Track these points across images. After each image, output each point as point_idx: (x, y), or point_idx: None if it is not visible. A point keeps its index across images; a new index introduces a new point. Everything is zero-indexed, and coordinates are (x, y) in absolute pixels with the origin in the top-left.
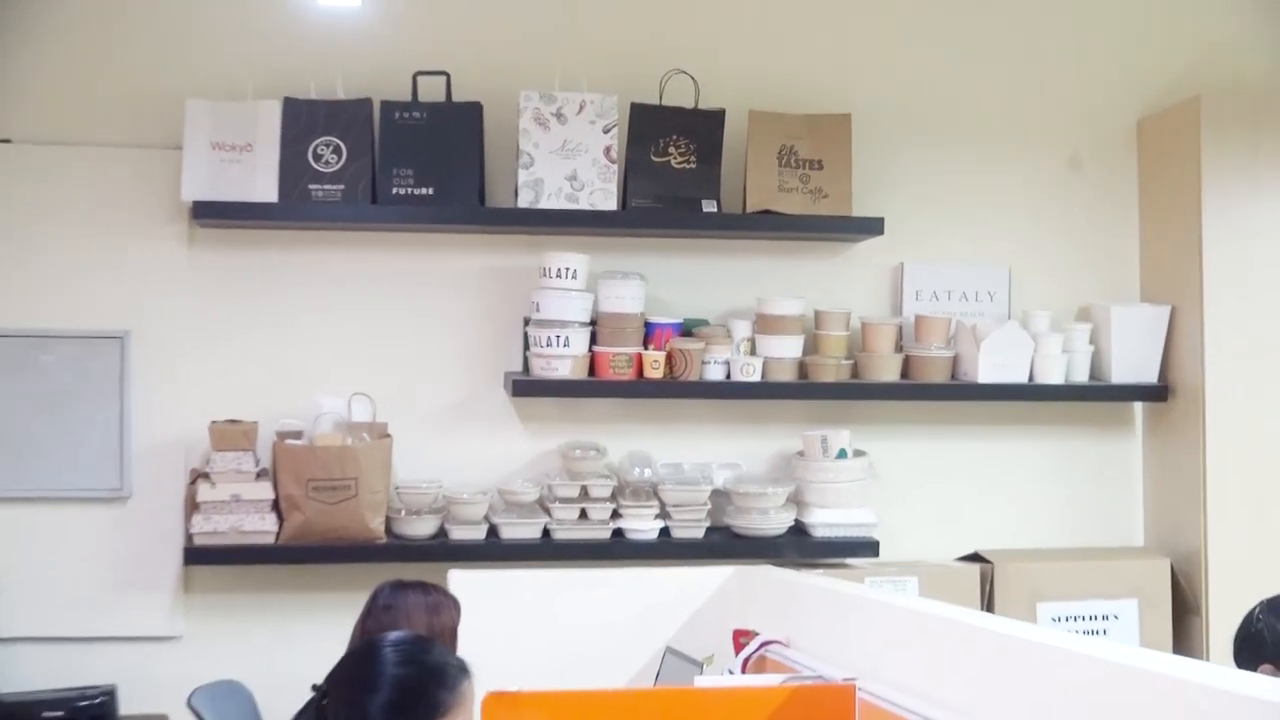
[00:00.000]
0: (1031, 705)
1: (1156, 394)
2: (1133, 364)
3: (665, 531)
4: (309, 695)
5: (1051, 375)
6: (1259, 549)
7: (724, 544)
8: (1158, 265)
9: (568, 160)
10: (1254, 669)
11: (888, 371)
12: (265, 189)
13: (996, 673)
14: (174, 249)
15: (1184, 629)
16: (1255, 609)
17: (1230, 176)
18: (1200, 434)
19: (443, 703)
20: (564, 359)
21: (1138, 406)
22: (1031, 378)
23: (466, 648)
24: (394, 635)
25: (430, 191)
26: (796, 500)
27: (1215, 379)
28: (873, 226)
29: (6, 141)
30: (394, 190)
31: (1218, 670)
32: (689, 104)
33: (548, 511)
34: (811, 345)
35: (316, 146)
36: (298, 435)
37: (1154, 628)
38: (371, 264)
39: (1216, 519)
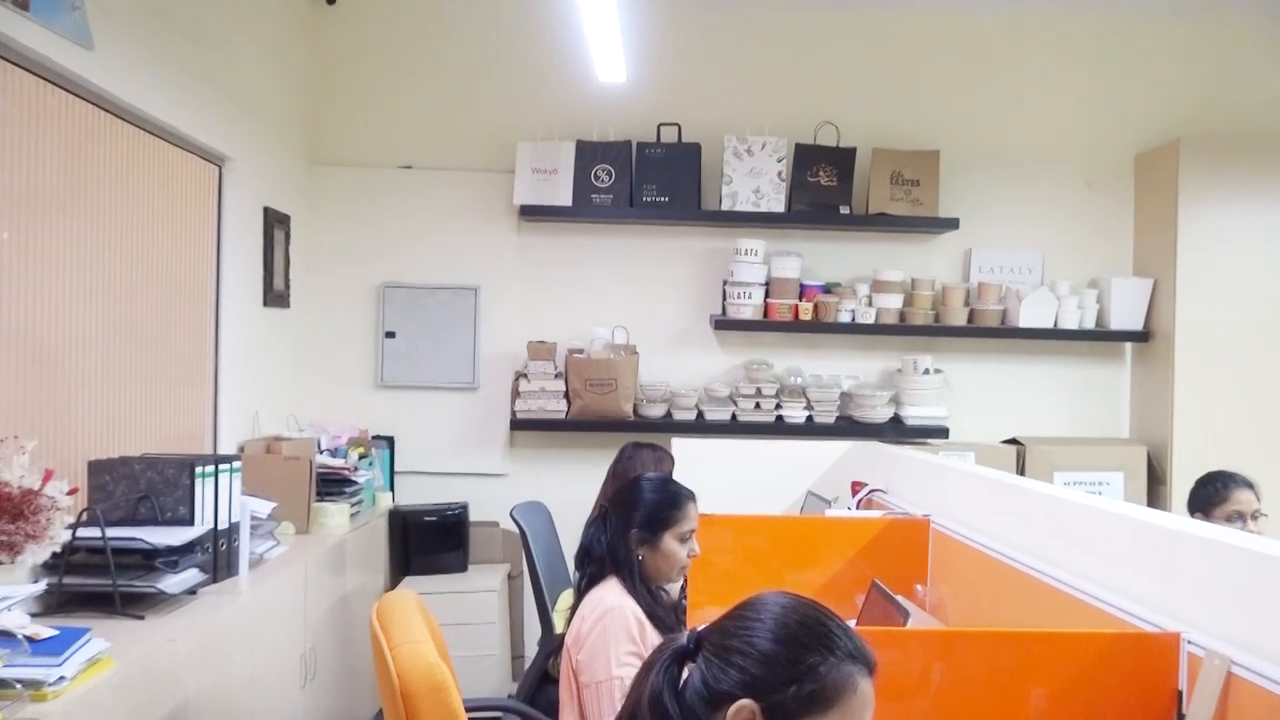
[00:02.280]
0: (1049, 537)
1: (1141, 337)
2: (1126, 317)
3: (810, 418)
4: (588, 511)
5: (1069, 323)
6: (1207, 441)
7: (847, 427)
8: (1145, 252)
9: (753, 179)
10: (1192, 516)
11: (958, 319)
12: (564, 197)
13: (1025, 515)
14: (508, 234)
15: (1155, 493)
16: (1196, 482)
17: (1198, 194)
18: (1170, 364)
19: (678, 515)
20: (747, 305)
21: (1128, 345)
22: (1056, 324)
23: None
24: (650, 474)
25: (667, 199)
26: (895, 400)
27: (1182, 328)
28: (951, 224)
29: (408, 167)
30: (644, 199)
31: (1174, 517)
32: (832, 143)
33: (735, 403)
34: (909, 300)
35: (596, 171)
36: (580, 351)
37: (1134, 491)
38: (629, 245)
39: (1179, 421)
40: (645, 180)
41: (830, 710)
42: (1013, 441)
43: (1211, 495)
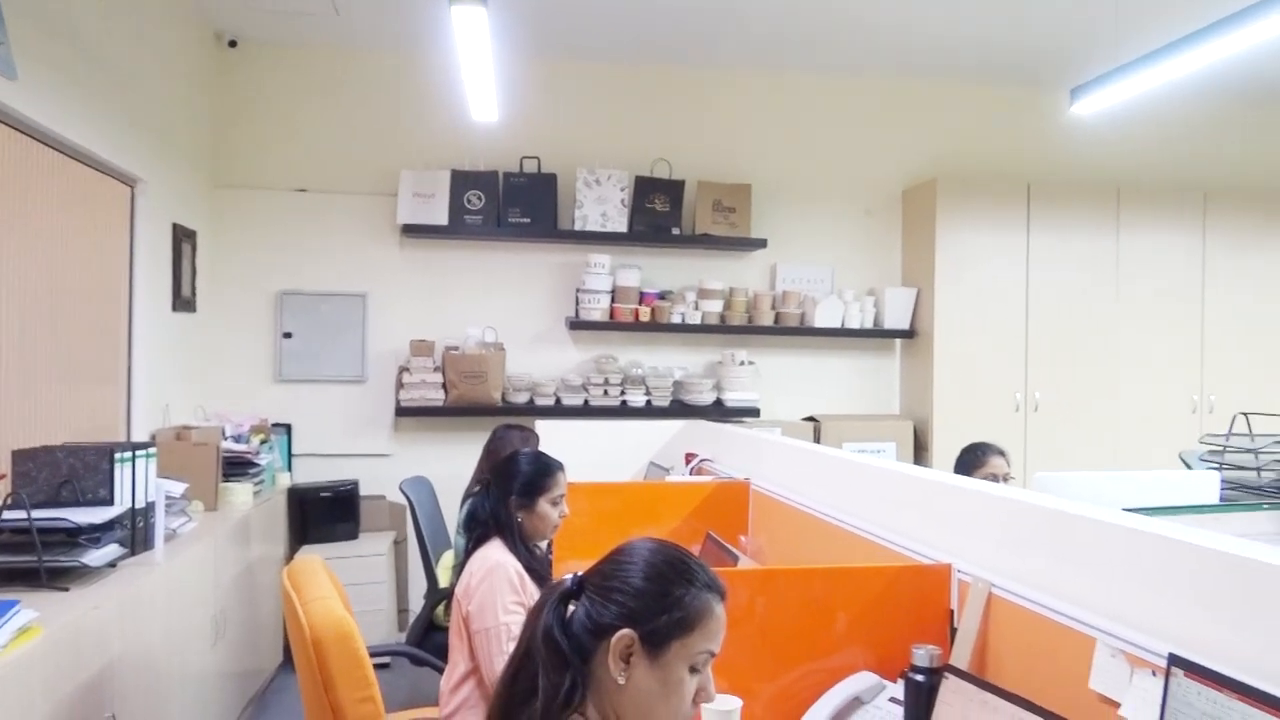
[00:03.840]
0: (844, 491)
1: (908, 334)
2: (896, 318)
3: (649, 402)
4: (465, 483)
5: (854, 323)
6: (960, 419)
7: (679, 409)
8: (911, 267)
9: (601, 205)
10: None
11: (767, 320)
12: (441, 218)
13: (825, 475)
14: (392, 249)
15: (920, 458)
16: (961, 450)
17: (951, 222)
18: (930, 356)
19: (550, 482)
20: (597, 309)
21: (898, 341)
22: (843, 324)
23: None
24: (525, 451)
25: (529, 221)
26: (717, 387)
27: (939, 327)
28: (760, 243)
29: (304, 190)
30: (509, 220)
31: (943, 473)
32: (666, 176)
33: (587, 390)
34: (728, 305)
35: (468, 195)
36: (456, 348)
37: (904, 457)
38: (497, 259)
39: (937, 400)
40: (510, 204)
41: (694, 631)
42: (810, 419)
43: (973, 460)
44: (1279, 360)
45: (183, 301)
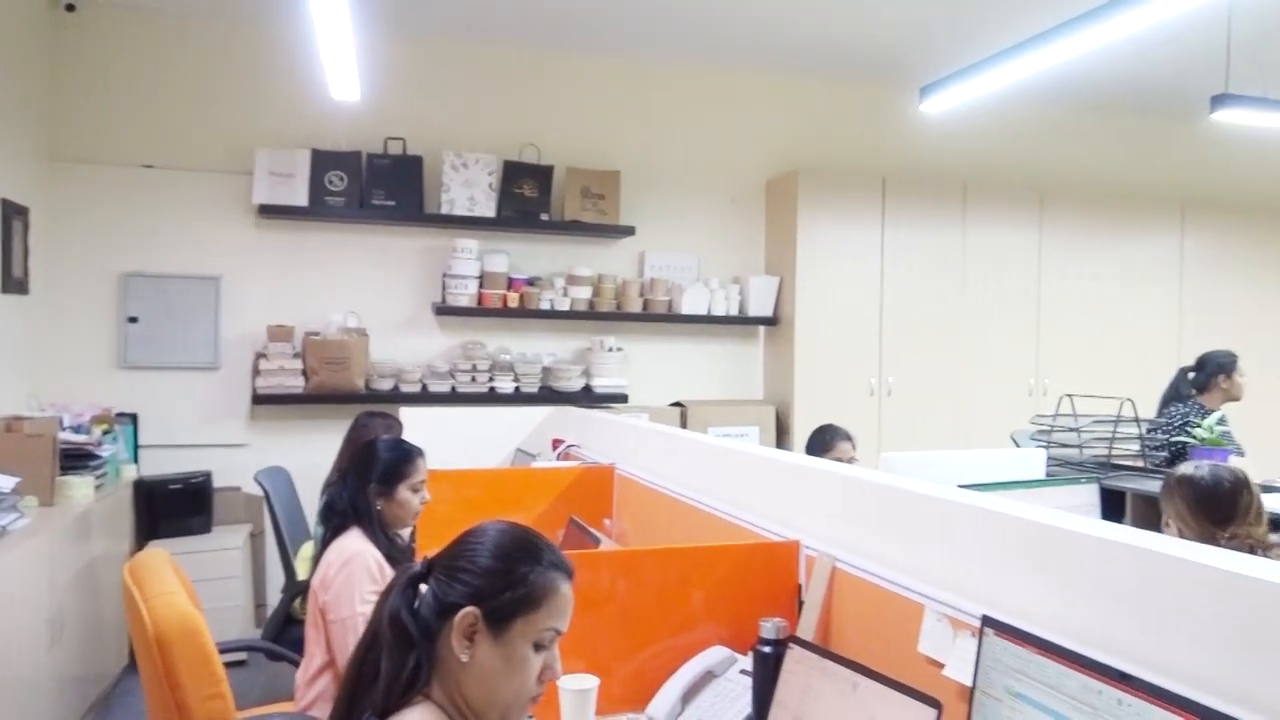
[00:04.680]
0: (703, 474)
1: (771, 322)
2: (760, 306)
3: (517, 389)
4: (326, 473)
5: (719, 311)
6: (819, 403)
7: (548, 395)
8: (774, 256)
9: (468, 189)
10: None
11: (635, 307)
12: (300, 199)
13: (685, 458)
14: (248, 230)
15: (781, 441)
16: (811, 433)
17: (811, 213)
18: (792, 342)
19: (410, 469)
20: (464, 295)
21: (761, 328)
22: (709, 312)
23: None
24: (384, 438)
25: (394, 203)
26: (586, 373)
27: (800, 314)
28: (629, 231)
29: (150, 166)
30: (373, 202)
31: (793, 454)
32: (534, 161)
33: (454, 377)
34: (596, 292)
35: (330, 176)
36: (317, 334)
37: (766, 440)
38: (360, 242)
39: (798, 385)
40: (375, 186)
41: (539, 609)
42: (678, 404)
43: (822, 444)
44: (1106, 347)
45: (14, 282)
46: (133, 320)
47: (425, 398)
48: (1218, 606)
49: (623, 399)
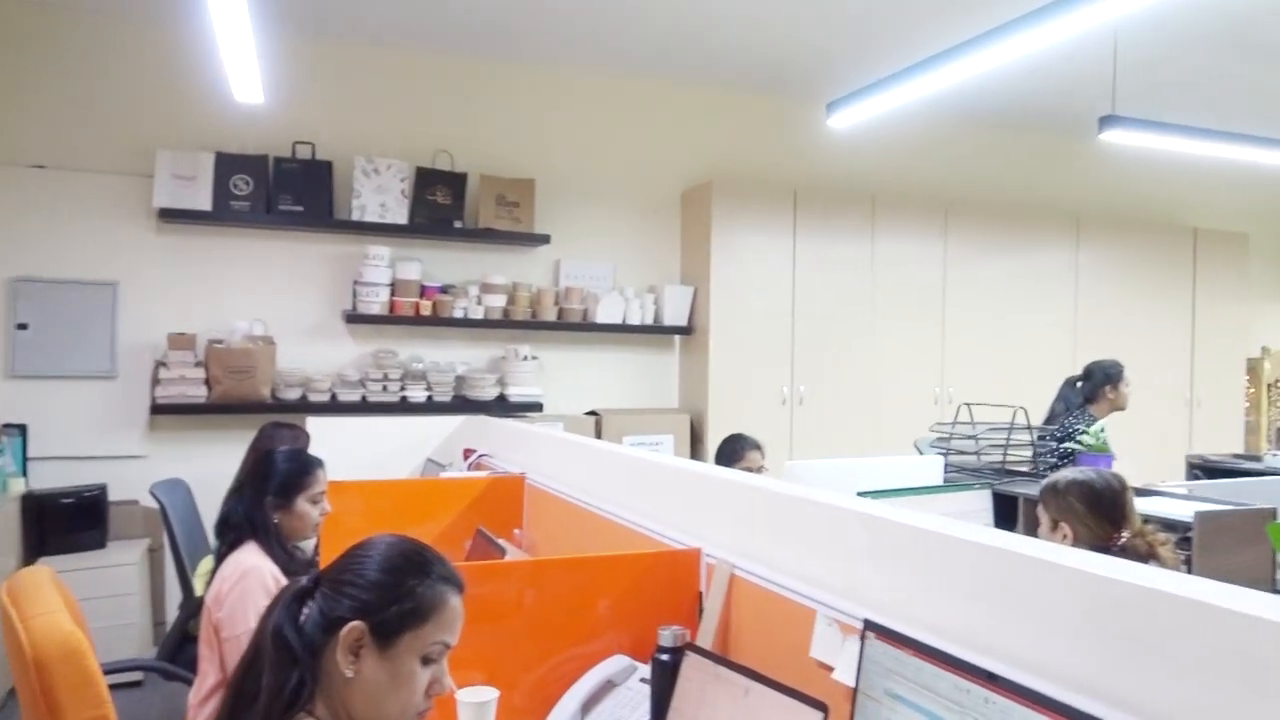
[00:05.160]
0: (611, 483)
1: (686, 331)
2: (675, 315)
3: (430, 398)
4: (229, 486)
5: (635, 320)
6: (733, 412)
7: (462, 405)
8: (689, 265)
9: (380, 195)
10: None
11: (550, 315)
12: (204, 202)
13: (595, 468)
14: (148, 235)
15: (696, 450)
16: (721, 442)
17: (725, 223)
18: (706, 351)
19: (308, 480)
20: (375, 303)
21: (677, 337)
22: (625, 320)
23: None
24: (282, 449)
25: (302, 209)
26: (501, 382)
27: (714, 324)
28: (544, 239)
29: (41, 166)
30: (280, 208)
31: (696, 463)
32: (448, 168)
33: (365, 386)
34: (511, 300)
35: (235, 180)
36: (221, 342)
37: (681, 449)
38: (267, 248)
39: (712, 394)
40: (282, 191)
41: (427, 622)
42: (593, 413)
43: (731, 453)
44: (1006, 356)
45: None
46: (22, 327)
47: (335, 407)
48: (1080, 606)
49: (538, 408)
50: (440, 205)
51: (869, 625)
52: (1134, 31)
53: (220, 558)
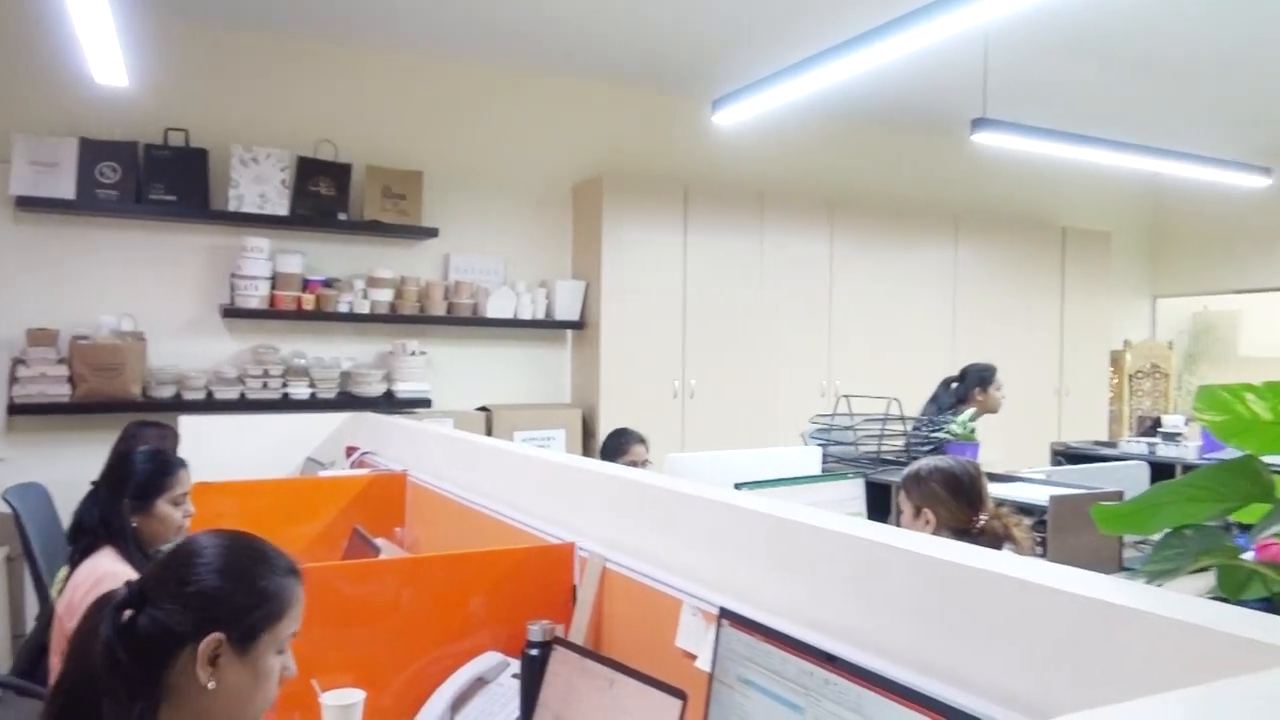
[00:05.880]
0: (491, 479)
1: (578, 326)
2: (567, 310)
3: (313, 395)
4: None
5: (526, 314)
6: (625, 406)
7: (347, 401)
8: (580, 260)
9: (259, 185)
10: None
11: (440, 310)
12: (67, 190)
13: (475, 463)
14: (4, 224)
15: (588, 445)
16: (606, 436)
17: (616, 217)
18: (598, 346)
19: (169, 481)
20: (254, 297)
21: (569, 332)
22: (516, 315)
23: (189, 461)
24: (141, 449)
25: (175, 199)
26: (388, 378)
27: (605, 318)
28: (432, 232)
29: None
30: (151, 197)
31: (572, 457)
32: (331, 158)
33: (244, 383)
34: (399, 294)
35: (101, 168)
36: (86, 338)
37: (573, 444)
38: (137, 239)
39: (604, 388)
40: (153, 179)
41: (283, 618)
42: (483, 409)
43: (616, 447)
44: (889, 350)
45: None
46: None
47: (211, 406)
48: (911, 585)
49: (426, 404)
50: (323, 196)
51: (724, 613)
52: (1003, 37)
53: (74, 564)
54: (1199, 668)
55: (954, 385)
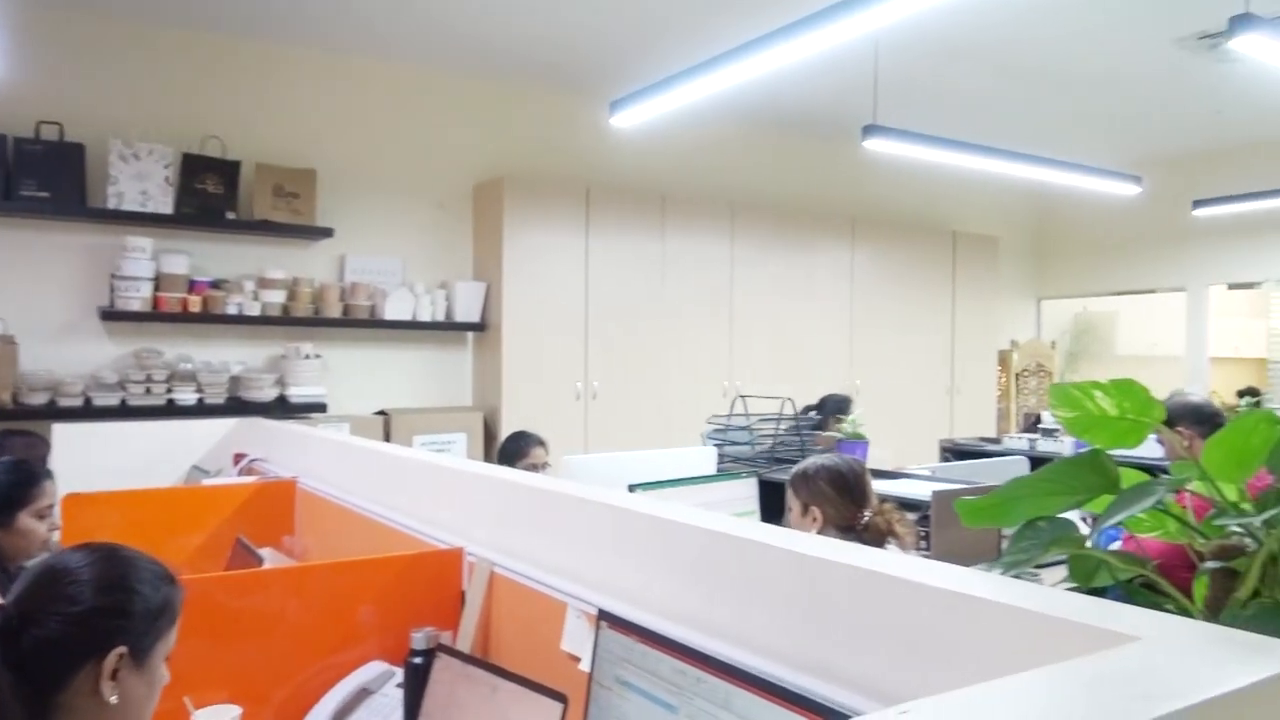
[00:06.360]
0: (381, 484)
1: (479, 328)
2: (468, 311)
3: (201, 400)
4: None
5: (425, 316)
6: (528, 409)
7: (237, 407)
8: (481, 261)
9: (140, 182)
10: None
11: (335, 312)
12: None
13: (374, 471)
14: None
15: (489, 448)
16: (504, 439)
17: (518, 218)
18: (500, 348)
19: (33, 493)
20: (136, 298)
21: (470, 334)
22: (415, 317)
23: (63, 471)
24: (1, 459)
25: (48, 195)
26: (281, 382)
27: (507, 320)
28: (327, 232)
29: None
30: (23, 193)
31: (463, 461)
32: (218, 155)
33: (125, 389)
34: (292, 296)
35: None
36: None
37: (474, 448)
38: (7, 238)
39: (506, 391)
40: (25, 175)
41: (172, 626)
42: (382, 413)
43: (515, 450)
44: (789, 351)
45: None
46: None
47: (89, 413)
48: (781, 581)
49: (321, 408)
50: (210, 194)
51: (603, 614)
52: (893, 45)
53: None
54: (1043, 651)
55: (813, 412)
